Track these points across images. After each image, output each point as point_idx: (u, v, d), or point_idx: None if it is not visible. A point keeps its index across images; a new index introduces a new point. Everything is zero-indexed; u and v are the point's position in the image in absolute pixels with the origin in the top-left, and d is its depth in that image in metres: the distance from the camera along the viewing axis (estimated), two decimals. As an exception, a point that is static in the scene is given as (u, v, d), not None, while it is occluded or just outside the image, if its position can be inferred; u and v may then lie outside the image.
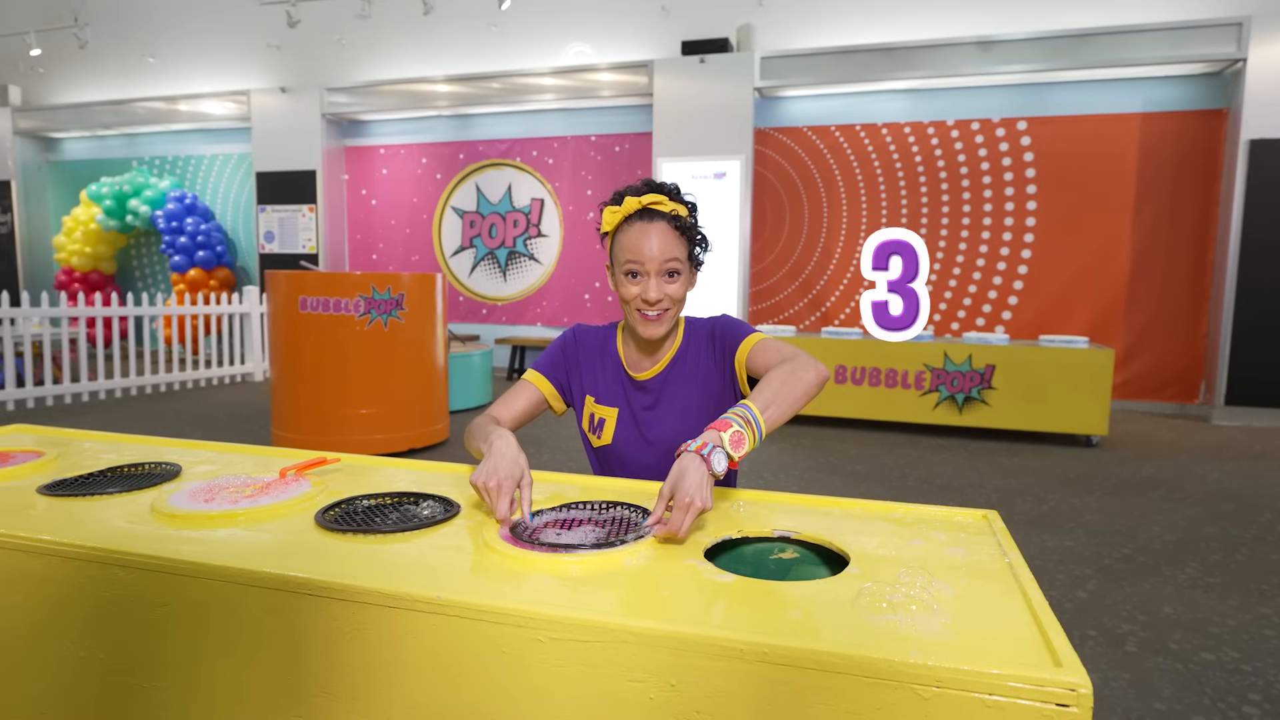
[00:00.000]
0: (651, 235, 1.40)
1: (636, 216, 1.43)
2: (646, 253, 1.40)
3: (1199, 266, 6.39)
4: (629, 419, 1.52)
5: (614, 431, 1.52)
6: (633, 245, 1.41)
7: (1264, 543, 3.24)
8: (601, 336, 1.58)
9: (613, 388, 1.54)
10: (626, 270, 1.42)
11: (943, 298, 7.03)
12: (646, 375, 1.52)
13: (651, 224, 1.42)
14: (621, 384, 1.54)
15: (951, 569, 0.96)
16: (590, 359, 1.56)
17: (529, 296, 8.47)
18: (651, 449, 1.50)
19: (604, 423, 1.53)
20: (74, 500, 1.23)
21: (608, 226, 1.47)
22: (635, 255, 1.41)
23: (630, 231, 1.43)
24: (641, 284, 1.41)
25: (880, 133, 7.07)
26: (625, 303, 1.45)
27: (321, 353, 4.53)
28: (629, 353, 1.55)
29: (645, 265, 1.40)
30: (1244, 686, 2.07)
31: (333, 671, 0.90)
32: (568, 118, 8.19)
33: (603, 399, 1.54)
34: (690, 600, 0.88)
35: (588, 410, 1.56)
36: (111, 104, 9.54)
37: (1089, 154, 6.53)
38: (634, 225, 1.43)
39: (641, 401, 1.53)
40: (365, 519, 1.14)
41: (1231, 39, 5.92)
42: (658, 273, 1.41)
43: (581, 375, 1.56)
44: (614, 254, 1.47)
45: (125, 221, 9.21)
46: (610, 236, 1.48)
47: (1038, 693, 0.67)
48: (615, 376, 1.55)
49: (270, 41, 8.77)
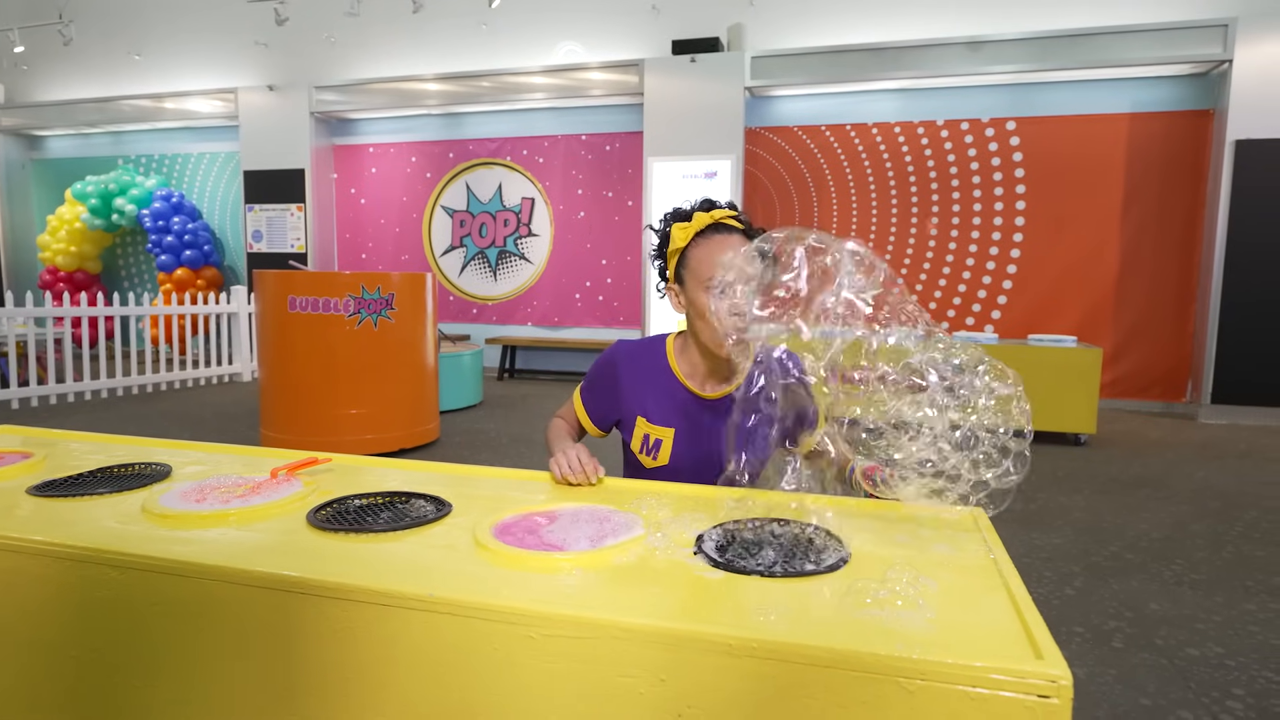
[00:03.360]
0: (733, 248, 1.37)
1: (711, 230, 1.41)
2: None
3: (1186, 266, 6.46)
4: (690, 438, 1.47)
5: (671, 452, 1.47)
6: (717, 259, 1.37)
7: (1249, 540, 3.28)
8: (650, 353, 1.52)
9: (668, 407, 1.48)
10: (710, 285, 1.38)
11: (933, 297, 7.07)
12: (717, 395, 1.47)
13: (730, 237, 1.40)
14: (679, 403, 1.48)
15: (938, 565, 0.98)
16: (638, 378, 1.50)
17: (519, 296, 8.46)
18: (713, 468, 1.44)
19: (660, 444, 1.48)
20: (64, 501, 1.22)
21: (680, 242, 1.43)
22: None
23: (709, 245, 1.40)
24: (730, 297, 1.35)
25: (870, 132, 7.10)
26: (705, 319, 1.39)
27: (311, 353, 4.52)
28: (690, 370, 1.49)
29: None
30: (1228, 681, 2.09)
31: (325, 670, 0.91)
32: (558, 117, 8.18)
33: (656, 419, 1.49)
34: (680, 596, 0.89)
35: (640, 432, 1.50)
36: (97, 102, 9.47)
37: (1077, 154, 6.58)
38: (711, 239, 1.40)
39: (708, 420, 1.47)
40: (357, 518, 1.14)
41: (1217, 40, 5.98)
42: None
43: (627, 396, 1.51)
44: (688, 270, 1.43)
45: (111, 220, 9.14)
46: (678, 254, 1.45)
47: (1019, 684, 0.69)
48: (671, 394, 1.49)
49: (258, 39, 8.72)
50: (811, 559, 1.00)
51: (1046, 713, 0.68)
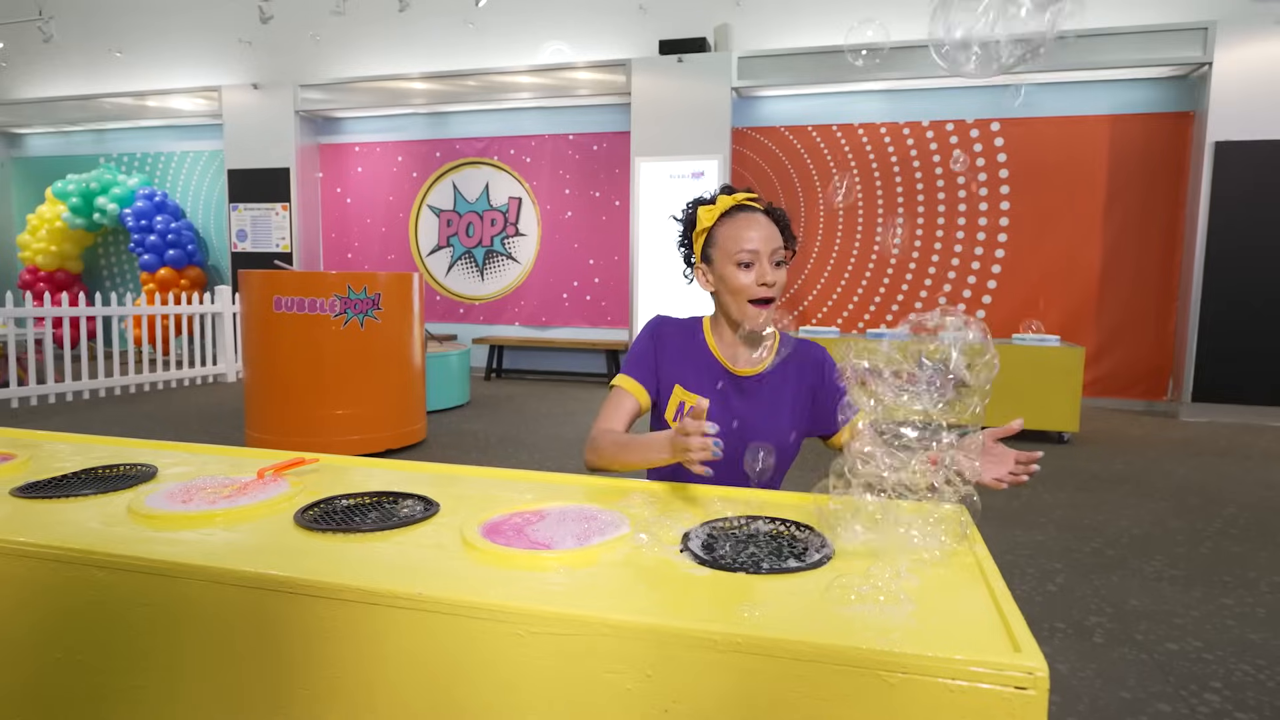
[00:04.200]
0: (759, 224, 1.48)
1: (736, 209, 1.50)
2: (759, 238, 1.46)
3: (1167, 266, 6.54)
4: (722, 411, 1.53)
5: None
6: (743, 235, 1.46)
7: (1227, 536, 3.33)
8: (687, 328, 1.61)
9: (702, 378, 1.56)
10: (739, 260, 1.46)
11: (918, 296, 7.12)
12: (749, 372, 1.56)
13: (755, 215, 1.49)
14: (714, 376, 1.56)
15: (920, 562, 0.99)
16: (676, 348, 1.58)
17: (507, 296, 8.44)
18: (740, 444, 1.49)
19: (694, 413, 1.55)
20: (49, 502, 1.22)
21: (706, 222, 1.51)
22: (748, 244, 1.46)
23: (736, 223, 1.48)
24: (757, 270, 1.46)
25: (857, 133, 7.14)
26: (735, 294, 1.49)
27: (297, 353, 4.49)
28: (724, 348, 1.57)
29: (759, 251, 1.46)
30: (1206, 675, 2.13)
31: (314, 669, 0.91)
32: (545, 116, 8.18)
33: (691, 386, 1.56)
34: (666, 593, 0.90)
35: (676, 398, 1.56)
36: (78, 99, 9.36)
37: (1060, 155, 6.65)
38: (738, 217, 1.49)
39: (738, 398, 1.55)
40: (345, 518, 1.15)
41: (1197, 43, 6.06)
42: (770, 258, 1.47)
43: (668, 365, 1.58)
44: (716, 248, 1.51)
45: (92, 219, 9.04)
46: (705, 234, 1.52)
47: (997, 676, 0.70)
48: (706, 368, 1.56)
49: (242, 37, 8.65)
50: (796, 556, 1.01)
51: (1023, 703, 0.70)
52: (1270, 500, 3.88)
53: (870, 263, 7.23)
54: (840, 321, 7.33)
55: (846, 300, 7.32)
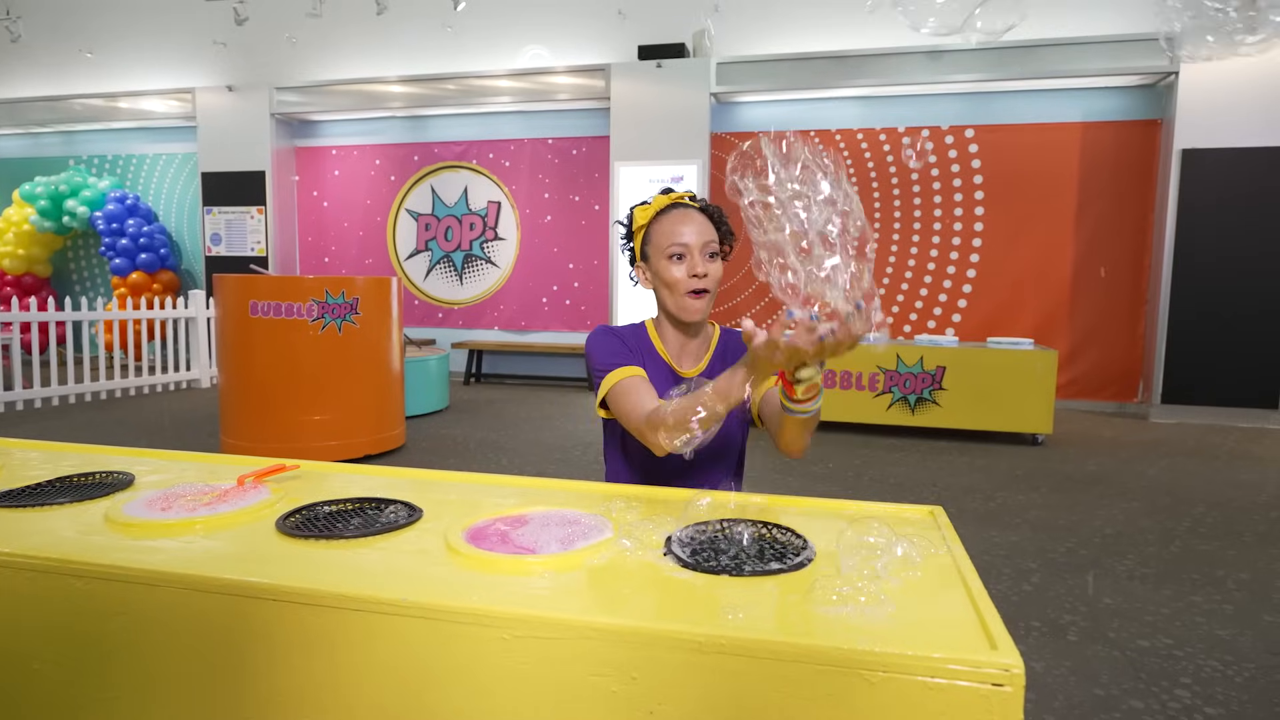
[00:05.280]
0: (693, 219, 1.52)
1: (671, 207, 1.54)
2: (691, 233, 1.49)
3: (1137, 271, 6.67)
4: None
5: None
6: (676, 229, 1.50)
7: (1196, 534, 3.41)
8: (634, 333, 1.63)
9: (656, 380, 1.56)
10: (670, 253, 1.50)
11: (895, 301, 7.20)
12: (691, 372, 1.60)
13: (688, 211, 1.53)
14: (664, 378, 1.58)
15: (899, 563, 1.01)
16: (635, 350, 1.59)
17: (486, 300, 8.41)
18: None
19: None
20: (23, 511, 1.20)
21: (642, 221, 1.55)
22: (680, 237, 1.50)
23: (669, 219, 1.52)
24: (688, 262, 1.50)
25: (834, 138, 7.21)
26: (669, 287, 1.52)
27: (273, 358, 4.45)
28: (669, 348, 1.61)
29: (690, 245, 1.49)
30: (1176, 671, 2.18)
31: (298, 677, 0.91)
32: (524, 120, 8.17)
33: None
34: (650, 596, 0.91)
35: None
36: (47, 100, 9.21)
37: (1033, 161, 6.77)
38: (672, 213, 1.53)
39: None
40: (327, 525, 1.14)
41: (1164, 53, 6.19)
42: (701, 251, 1.50)
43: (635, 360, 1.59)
44: (651, 244, 1.54)
45: (62, 223, 8.89)
46: (642, 232, 1.56)
47: (975, 674, 0.72)
48: (658, 370, 1.59)
49: (216, 39, 8.56)
50: (778, 558, 1.03)
51: (1000, 700, 0.72)
52: (1237, 500, 3.97)
53: (848, 267, 7.29)
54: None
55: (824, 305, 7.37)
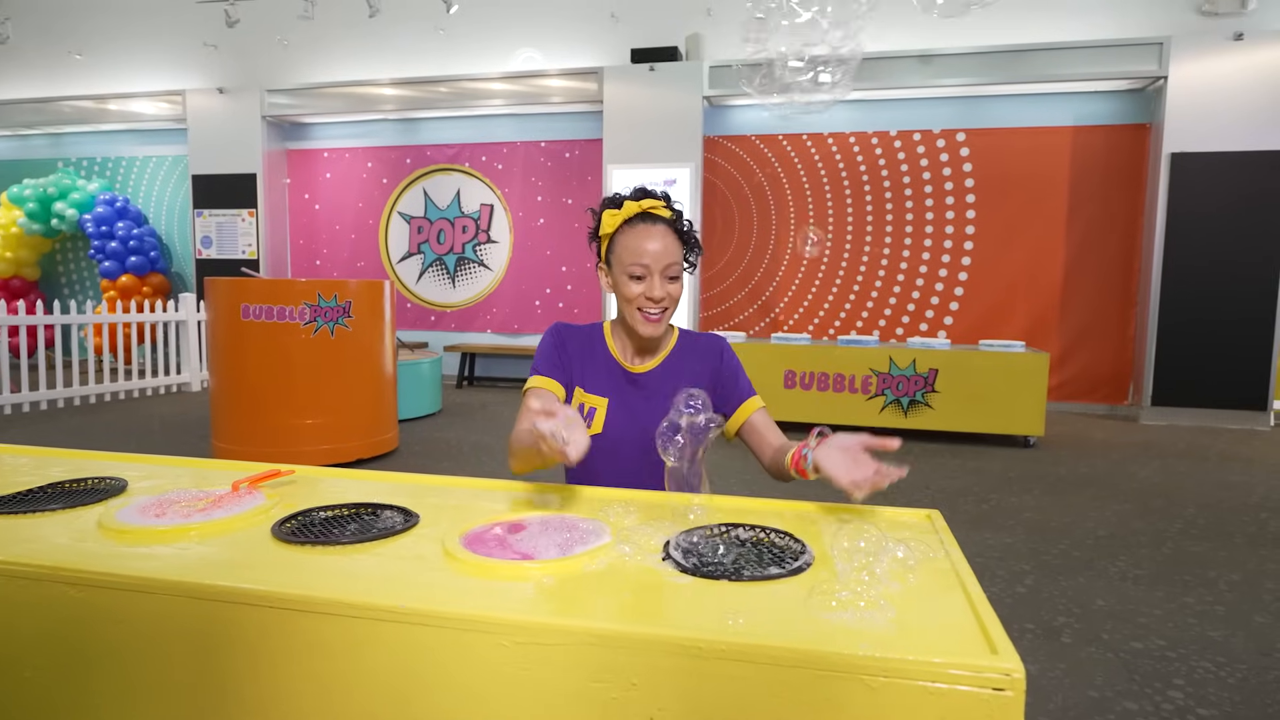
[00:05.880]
0: (655, 237, 1.49)
1: (638, 219, 1.51)
2: (652, 254, 1.47)
3: (1127, 273, 6.72)
4: (620, 409, 1.57)
5: (604, 420, 1.56)
6: (638, 247, 1.48)
7: (1187, 536, 3.43)
8: (587, 332, 1.63)
9: (602, 379, 1.59)
10: (630, 272, 1.49)
11: (887, 304, 7.22)
12: (642, 369, 1.59)
13: (654, 227, 1.49)
14: (613, 376, 1.59)
15: (898, 567, 1.01)
16: (579, 352, 1.60)
17: (479, 303, 8.40)
18: (642, 437, 1.53)
19: (594, 412, 1.57)
20: (14, 518, 1.19)
21: (608, 228, 1.53)
22: (641, 257, 1.48)
23: (634, 234, 1.50)
24: (646, 284, 1.49)
25: (826, 142, 7.24)
26: (627, 301, 1.51)
27: (265, 362, 4.42)
28: (622, 348, 1.61)
29: (650, 266, 1.47)
30: (1169, 672, 2.19)
31: (296, 684, 0.90)
32: (517, 123, 8.16)
33: (591, 389, 1.59)
34: (650, 601, 0.91)
35: (576, 400, 1.59)
36: (35, 102, 9.14)
37: (1024, 164, 6.81)
38: (636, 228, 1.50)
39: (634, 394, 1.58)
40: (323, 530, 1.14)
41: (1153, 58, 6.25)
42: (661, 274, 1.48)
43: (572, 367, 1.60)
44: (614, 255, 1.53)
45: (50, 225, 8.81)
46: (608, 239, 1.54)
47: (976, 678, 0.72)
48: (606, 368, 1.59)
49: (207, 41, 8.52)
50: (777, 563, 1.03)
51: (1001, 704, 0.72)
52: (1227, 501, 3.99)
53: (840, 271, 7.32)
54: (811, 328, 7.41)
55: (817, 308, 7.40)
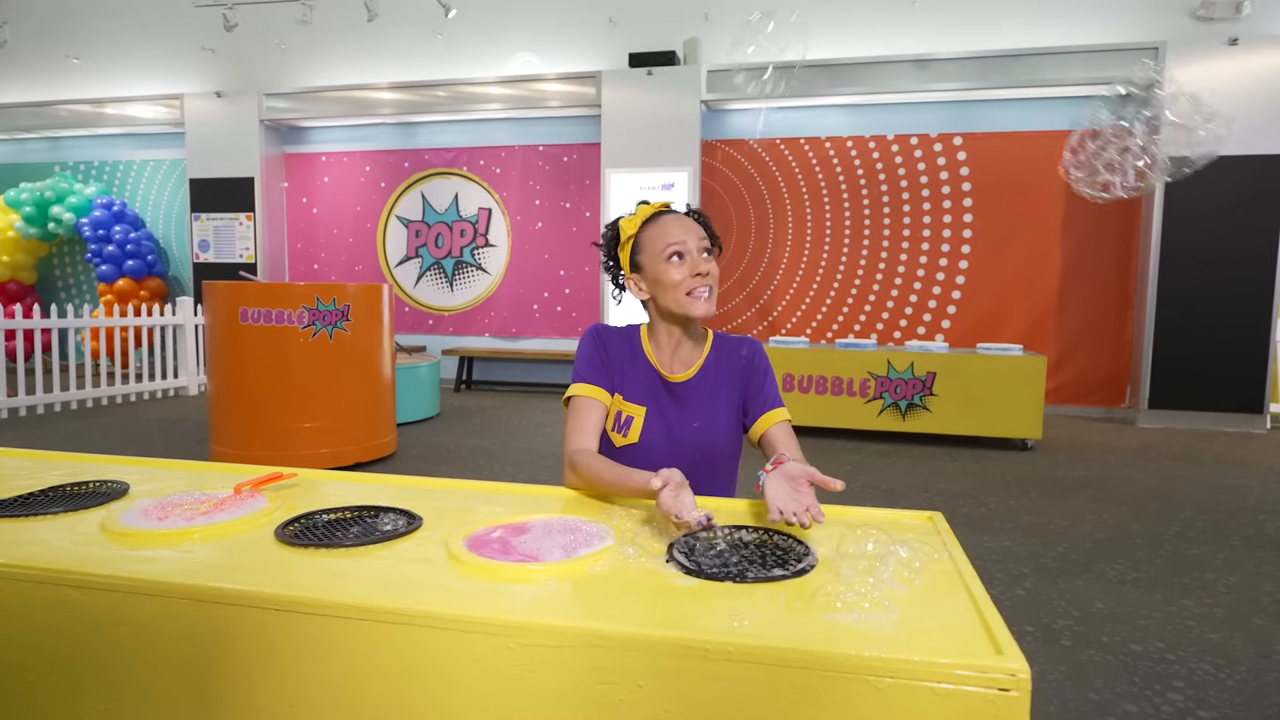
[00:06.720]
0: (684, 221, 1.51)
1: (657, 214, 1.53)
2: (685, 231, 1.49)
3: (1124, 277, 6.74)
4: (657, 419, 1.55)
5: (641, 430, 1.54)
6: (670, 231, 1.49)
7: (1185, 538, 3.43)
8: (626, 336, 1.61)
9: (641, 387, 1.57)
10: (669, 254, 1.48)
11: (885, 307, 7.24)
12: (680, 378, 1.57)
13: (677, 215, 1.52)
14: (651, 384, 1.57)
15: (902, 568, 1.01)
16: (620, 356, 1.58)
17: (477, 307, 8.39)
18: (677, 448, 1.53)
19: (631, 421, 1.55)
20: (16, 521, 1.19)
21: (631, 230, 1.53)
22: (677, 236, 1.48)
23: (658, 225, 1.51)
24: (689, 262, 1.48)
25: (823, 146, 7.26)
26: (673, 287, 1.48)
27: (264, 366, 4.42)
28: (659, 354, 1.58)
29: (688, 243, 1.48)
30: (1169, 675, 2.19)
31: (301, 687, 0.90)
32: (515, 127, 8.17)
33: (631, 397, 1.56)
34: (656, 603, 0.91)
35: (615, 407, 1.56)
36: (32, 106, 9.12)
37: (1020, 168, 6.83)
38: (662, 218, 1.52)
39: (671, 403, 1.56)
40: (326, 533, 1.14)
41: (1147, 62, 6.28)
42: (699, 250, 1.49)
43: (614, 372, 1.57)
44: (643, 252, 1.52)
45: (47, 229, 8.80)
46: (631, 241, 1.54)
47: (981, 679, 0.72)
48: (645, 376, 1.57)
49: (205, 44, 8.52)
50: (781, 564, 1.03)
51: (1007, 704, 0.72)
52: (1224, 504, 4.00)
53: (839, 273, 7.33)
54: (809, 331, 7.42)
55: (815, 310, 7.41)
